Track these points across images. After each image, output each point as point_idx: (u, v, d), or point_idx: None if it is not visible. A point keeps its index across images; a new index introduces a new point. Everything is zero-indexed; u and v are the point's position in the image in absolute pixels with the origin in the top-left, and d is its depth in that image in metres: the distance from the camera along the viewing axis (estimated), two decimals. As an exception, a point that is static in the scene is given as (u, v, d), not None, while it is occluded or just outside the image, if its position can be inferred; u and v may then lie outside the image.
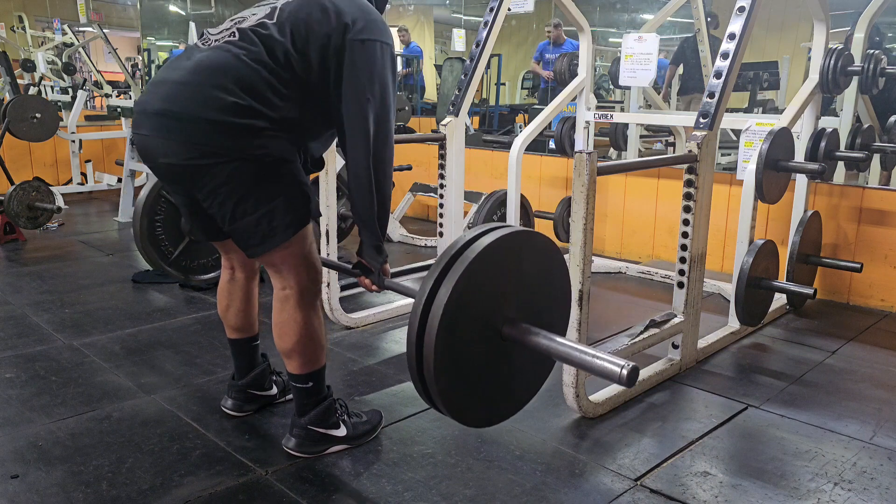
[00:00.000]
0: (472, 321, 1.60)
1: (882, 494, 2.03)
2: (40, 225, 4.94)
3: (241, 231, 1.92)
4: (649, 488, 2.04)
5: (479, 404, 1.70)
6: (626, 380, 1.47)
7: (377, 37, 1.89)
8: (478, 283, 1.58)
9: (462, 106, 3.62)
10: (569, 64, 4.57)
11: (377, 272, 2.04)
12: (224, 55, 1.84)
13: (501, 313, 1.64)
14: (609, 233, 4.75)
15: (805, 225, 3.46)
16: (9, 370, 2.77)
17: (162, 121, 1.83)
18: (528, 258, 1.70)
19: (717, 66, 2.81)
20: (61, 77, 8.58)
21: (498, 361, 1.68)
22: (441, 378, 1.57)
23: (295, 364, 2.07)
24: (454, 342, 1.56)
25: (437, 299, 1.54)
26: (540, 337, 1.61)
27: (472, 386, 1.66)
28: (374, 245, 2.00)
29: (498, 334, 1.65)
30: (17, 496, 1.94)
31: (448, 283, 1.53)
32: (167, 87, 1.85)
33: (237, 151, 1.81)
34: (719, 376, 2.84)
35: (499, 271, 1.63)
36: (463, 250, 1.58)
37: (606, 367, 1.50)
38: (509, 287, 1.66)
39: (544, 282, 1.75)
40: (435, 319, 1.53)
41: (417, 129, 7.42)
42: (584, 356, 1.55)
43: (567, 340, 1.61)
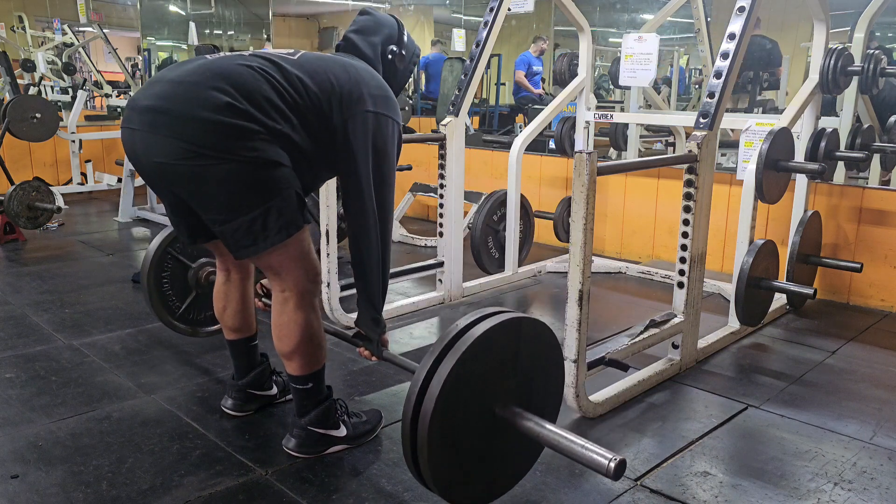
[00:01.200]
0: (466, 404, 1.66)
1: (882, 494, 2.03)
2: (40, 225, 4.94)
3: (231, 233, 1.87)
4: (649, 488, 2.04)
5: (468, 483, 1.76)
6: (612, 473, 1.52)
7: (390, 113, 2.01)
8: (473, 368, 1.64)
9: (462, 106, 3.62)
10: (569, 64, 4.56)
11: (376, 343, 2.12)
12: (227, 61, 1.85)
13: (495, 396, 1.71)
14: (609, 233, 4.75)
15: (805, 225, 3.46)
16: (9, 370, 2.77)
17: (152, 116, 1.78)
18: (524, 343, 1.76)
19: (717, 66, 2.81)
20: (61, 77, 8.58)
21: (490, 441, 1.74)
22: (434, 458, 1.63)
23: (295, 365, 2.07)
24: (448, 422, 1.63)
25: (432, 384, 1.61)
26: (531, 423, 1.69)
27: (464, 465, 1.72)
28: (373, 318, 2.09)
29: (491, 415, 1.71)
30: (17, 496, 1.94)
31: (445, 367, 1.60)
32: (162, 84, 1.82)
33: (229, 152, 1.76)
34: (719, 376, 2.84)
35: (494, 356, 1.69)
36: (462, 334, 1.65)
37: (594, 459, 1.56)
38: (505, 371, 1.72)
39: (538, 367, 1.82)
40: (430, 403, 1.59)
41: (417, 129, 7.43)
42: (573, 446, 1.61)
43: (556, 428, 1.67)
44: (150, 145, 1.80)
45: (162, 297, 2.83)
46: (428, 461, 1.62)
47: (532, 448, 1.88)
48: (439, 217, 3.66)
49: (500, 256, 4.11)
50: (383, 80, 2.08)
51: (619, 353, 2.50)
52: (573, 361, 2.31)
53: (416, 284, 3.98)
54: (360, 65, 2.06)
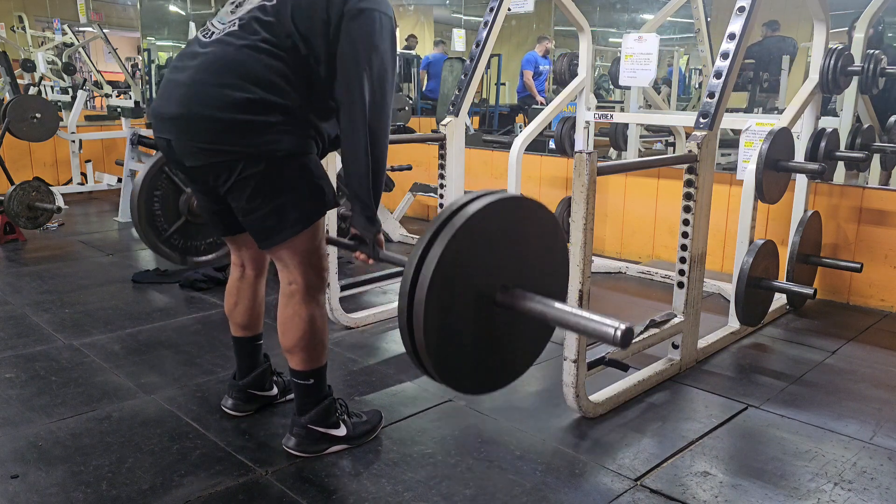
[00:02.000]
0: (463, 288, 1.56)
1: (882, 494, 2.03)
2: (40, 225, 4.94)
3: (256, 222, 1.95)
4: (649, 488, 2.04)
5: (474, 371, 1.67)
6: (619, 340, 1.45)
7: (376, 6, 1.89)
8: (468, 250, 1.54)
9: (462, 106, 3.62)
10: (569, 64, 4.57)
11: (371, 243, 2.00)
12: (226, 49, 1.85)
13: (495, 280, 1.60)
14: (609, 233, 4.75)
15: (805, 225, 3.46)
16: (9, 370, 2.77)
17: (180, 124, 1.88)
18: (522, 224, 1.65)
19: (716, 66, 2.81)
20: (61, 77, 8.58)
21: (493, 328, 1.64)
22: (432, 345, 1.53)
23: (297, 360, 2.08)
24: (445, 309, 1.53)
25: (425, 266, 1.50)
26: (534, 302, 1.58)
27: (466, 353, 1.62)
28: (367, 216, 1.96)
29: (491, 301, 1.60)
30: (17, 496, 1.94)
31: (437, 250, 1.49)
32: (179, 89, 1.88)
33: (250, 147, 1.83)
34: (719, 376, 2.84)
35: (491, 237, 1.59)
36: (453, 216, 1.53)
37: (599, 329, 1.48)
38: (503, 254, 1.62)
39: (539, 248, 1.71)
40: (423, 287, 1.48)
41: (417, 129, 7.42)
42: (579, 319, 1.52)
43: (560, 304, 1.58)
44: (186, 152, 1.91)
45: (151, 216, 2.74)
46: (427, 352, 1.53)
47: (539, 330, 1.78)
48: (439, 217, 3.65)
49: (500, 256, 4.10)
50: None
51: (619, 353, 2.50)
52: (573, 361, 2.31)
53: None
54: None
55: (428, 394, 2.61)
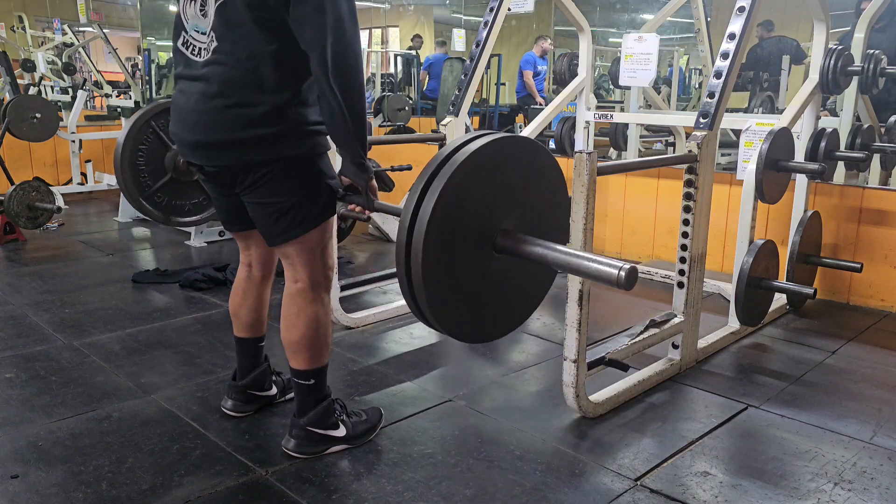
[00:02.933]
0: (462, 228, 1.51)
1: (882, 494, 2.03)
2: (40, 225, 4.94)
3: (264, 221, 1.99)
4: (649, 488, 2.04)
5: (473, 318, 1.61)
6: (623, 281, 1.43)
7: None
8: (466, 192, 1.49)
9: (462, 106, 3.62)
10: (569, 64, 4.56)
11: (364, 191, 1.95)
12: (223, 69, 1.87)
13: (495, 223, 1.56)
14: (609, 233, 4.75)
15: (805, 225, 3.46)
16: (9, 370, 2.76)
17: (204, 152, 1.95)
18: (521, 165, 1.60)
19: (716, 66, 2.81)
20: (61, 77, 8.57)
21: (493, 273, 1.60)
22: (430, 286, 1.48)
23: (299, 359, 2.08)
24: (443, 249, 1.48)
25: (421, 210, 1.45)
26: (535, 245, 1.55)
27: (465, 298, 1.57)
28: (356, 163, 1.91)
29: (491, 245, 1.56)
30: (17, 496, 1.94)
31: (433, 192, 1.44)
32: (192, 116, 1.93)
33: (274, 154, 1.89)
34: (719, 376, 2.84)
35: (489, 179, 1.53)
36: (450, 157, 1.49)
37: (603, 270, 1.46)
38: (501, 196, 1.57)
39: (539, 190, 1.66)
40: (423, 225, 1.44)
41: (417, 129, 7.42)
42: (581, 260, 1.50)
43: (561, 246, 1.54)
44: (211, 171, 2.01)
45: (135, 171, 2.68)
46: (425, 293, 1.48)
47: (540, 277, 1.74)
48: (439, 217, 3.65)
49: (500, 256, 4.11)
50: None
51: (619, 353, 2.50)
52: (573, 361, 2.31)
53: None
54: None
55: (428, 394, 2.61)
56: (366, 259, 4.68)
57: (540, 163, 1.65)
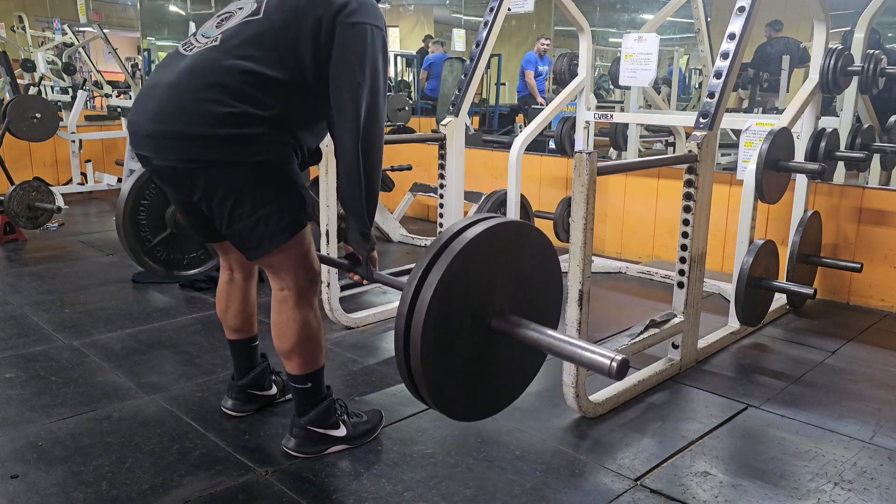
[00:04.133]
0: (460, 312, 1.56)
1: (882, 494, 2.03)
2: (40, 225, 4.94)
3: (238, 234, 1.91)
4: (649, 488, 2.04)
5: (468, 398, 1.66)
6: (615, 372, 1.44)
7: (368, 20, 1.86)
8: (466, 274, 1.54)
9: (462, 106, 3.62)
10: (569, 64, 4.56)
11: (365, 261, 1.99)
12: (205, 62, 1.82)
13: (490, 305, 1.60)
14: (609, 233, 4.75)
15: (805, 225, 3.46)
16: (9, 370, 2.77)
17: (157, 142, 1.83)
18: (519, 250, 1.65)
19: (716, 66, 2.81)
20: (61, 77, 8.57)
21: (487, 354, 1.64)
22: (428, 370, 1.53)
23: (294, 364, 2.07)
24: (441, 335, 1.53)
25: (423, 290, 1.50)
26: (529, 329, 1.58)
27: (461, 379, 1.62)
28: (361, 232, 1.95)
29: (487, 326, 1.61)
30: (17, 496, 1.94)
31: (436, 274, 1.49)
32: (154, 101, 1.83)
33: (235, 160, 1.81)
34: (719, 376, 2.84)
35: (488, 262, 1.59)
36: (452, 240, 1.54)
37: (595, 360, 1.47)
38: (499, 279, 1.62)
39: (535, 274, 1.71)
40: (422, 311, 1.49)
41: (417, 129, 7.42)
42: (574, 348, 1.52)
43: (556, 332, 1.57)
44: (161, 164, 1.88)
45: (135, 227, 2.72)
46: (423, 377, 1.53)
47: (532, 357, 1.77)
48: (439, 217, 3.66)
49: (500, 256, 4.10)
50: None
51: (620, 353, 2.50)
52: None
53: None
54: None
55: (428, 394, 2.61)
56: (366, 259, 4.68)
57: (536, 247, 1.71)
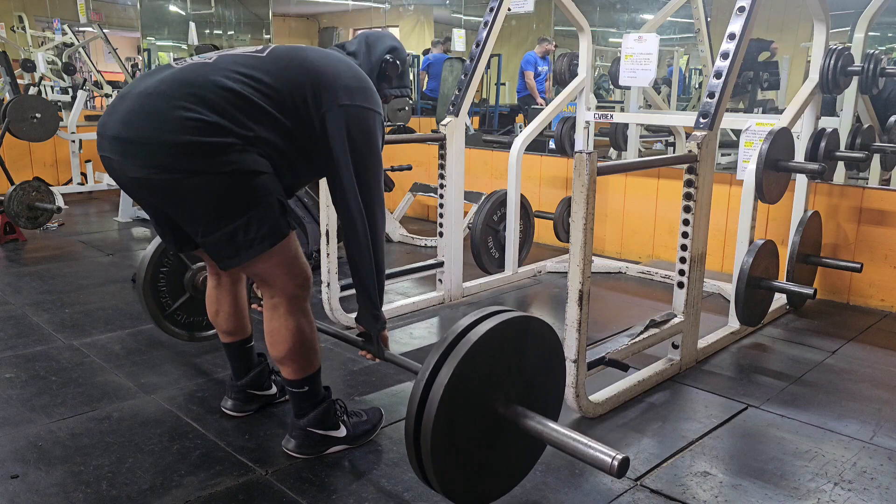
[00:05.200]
0: (469, 404, 1.67)
1: (882, 494, 2.03)
2: (40, 225, 4.94)
3: (213, 244, 1.86)
4: (649, 488, 2.04)
5: (474, 484, 1.76)
6: (616, 471, 1.53)
7: (371, 105, 1.94)
8: (476, 368, 1.65)
9: (462, 106, 3.62)
10: (569, 64, 4.56)
11: (376, 340, 2.11)
12: (191, 73, 1.80)
13: (497, 395, 1.71)
14: (609, 233, 4.75)
15: (805, 225, 3.46)
16: (9, 370, 2.77)
17: (121, 145, 1.78)
18: (526, 343, 1.76)
19: (716, 66, 2.81)
20: (61, 77, 8.58)
21: (493, 440, 1.74)
22: (438, 459, 1.63)
23: (289, 370, 2.06)
24: (451, 424, 1.63)
25: (437, 380, 1.62)
26: (534, 422, 1.69)
27: (468, 466, 1.72)
28: (372, 314, 2.07)
29: (494, 414, 1.71)
30: (17, 496, 1.94)
31: (447, 369, 1.61)
32: (127, 103, 1.78)
33: (204, 169, 1.75)
34: (719, 376, 2.84)
35: (497, 355, 1.70)
36: (464, 334, 1.65)
37: (597, 457, 1.56)
38: (506, 370, 1.73)
39: (539, 365, 1.82)
40: (434, 401, 1.60)
41: (417, 129, 7.43)
42: (577, 444, 1.62)
43: (558, 427, 1.68)
44: (126, 170, 1.81)
45: (156, 293, 2.80)
46: (433, 464, 1.63)
47: (534, 447, 1.88)
48: (439, 217, 3.66)
49: (500, 256, 4.11)
50: (361, 72, 1.99)
51: (619, 353, 2.50)
52: (573, 361, 2.31)
53: (416, 284, 3.98)
54: (336, 55, 1.99)
55: (428, 394, 2.61)
56: (366, 259, 4.68)
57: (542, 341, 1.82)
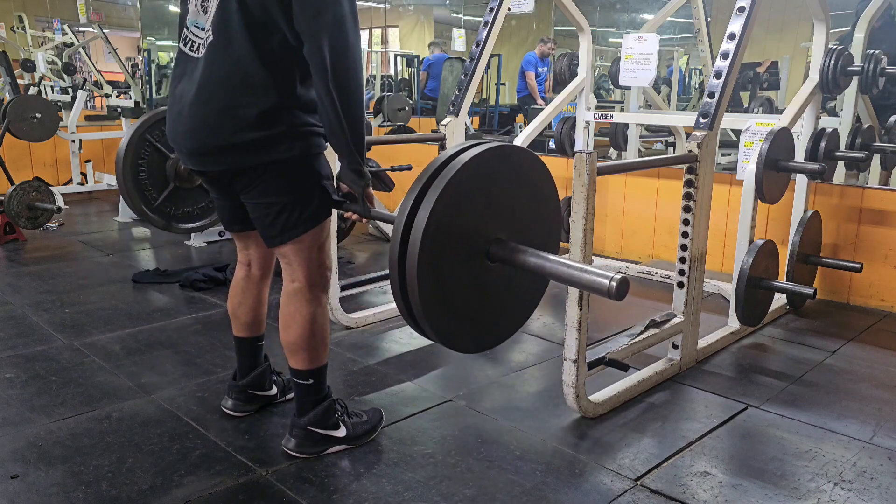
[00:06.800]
0: (455, 242, 1.53)
1: (882, 494, 2.03)
2: (40, 225, 4.94)
3: (263, 221, 1.99)
4: (649, 488, 2.04)
5: (469, 327, 1.64)
6: (615, 292, 1.45)
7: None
8: (459, 202, 1.51)
9: (462, 106, 3.62)
10: (569, 64, 4.56)
11: (360, 198, 1.96)
12: (216, 66, 1.86)
13: (487, 233, 1.58)
14: (609, 233, 4.75)
15: (805, 225, 3.46)
16: (9, 370, 2.77)
17: (198, 158, 1.96)
18: (513, 175, 1.62)
19: (716, 66, 2.81)
20: (61, 77, 8.58)
21: (487, 283, 1.62)
22: (427, 303, 1.50)
23: (298, 359, 2.08)
24: (437, 264, 1.50)
25: (416, 221, 1.47)
26: (528, 255, 1.57)
27: (460, 308, 1.60)
28: (353, 169, 1.92)
29: (485, 255, 1.59)
30: (17, 496, 1.94)
31: (427, 204, 1.46)
32: (185, 122, 1.92)
33: (270, 157, 1.89)
34: (719, 376, 2.84)
35: (482, 189, 1.56)
36: (442, 167, 1.51)
37: (595, 280, 1.48)
38: (494, 205, 1.59)
39: (532, 199, 1.68)
40: (416, 242, 1.46)
41: (417, 129, 7.42)
42: (573, 271, 1.53)
43: (555, 256, 1.56)
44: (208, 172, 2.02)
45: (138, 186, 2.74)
46: (422, 310, 1.51)
47: (535, 283, 1.76)
48: (439, 217, 3.65)
49: (500, 256, 4.10)
50: None
51: (619, 353, 2.50)
52: (573, 361, 2.31)
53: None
54: None
55: (428, 394, 2.61)
56: (366, 259, 4.68)
57: (532, 171, 1.68)
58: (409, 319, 1.59)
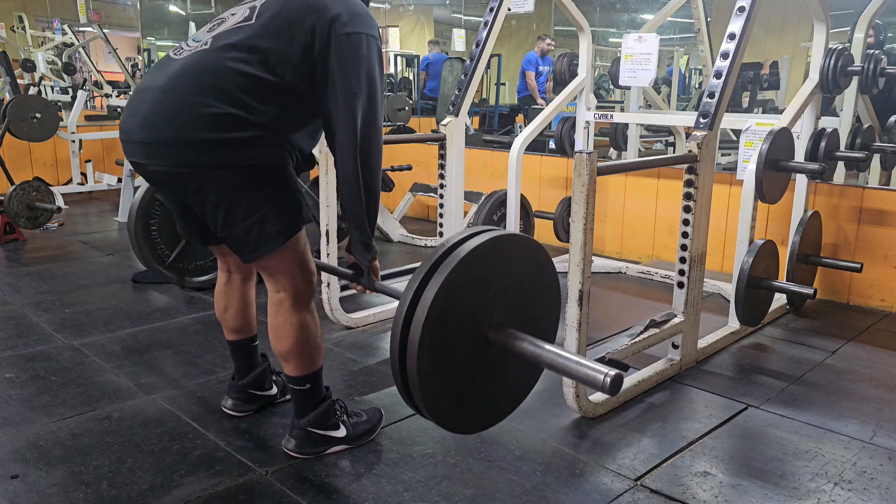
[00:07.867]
0: (457, 325, 1.57)
1: (882, 494, 2.03)
2: (40, 225, 4.94)
3: (234, 237, 1.92)
4: (649, 488, 2.04)
5: (464, 410, 1.69)
6: (608, 387, 1.48)
7: (363, 29, 1.87)
8: (463, 287, 1.55)
9: (462, 106, 3.62)
10: (569, 64, 4.56)
11: (366, 270, 2.00)
12: (195, 64, 1.82)
13: (487, 318, 1.62)
14: (609, 233, 4.75)
15: (805, 225, 3.46)
16: (9, 370, 2.77)
17: (149, 148, 1.84)
18: (517, 262, 1.67)
19: (716, 66, 2.81)
20: (61, 77, 8.58)
21: (484, 367, 1.66)
22: (424, 382, 1.54)
23: (292, 366, 2.07)
24: (438, 346, 1.54)
25: (421, 302, 1.51)
26: (525, 343, 1.60)
27: (457, 391, 1.64)
28: (363, 242, 1.96)
29: (484, 339, 1.62)
30: (17, 496, 1.94)
31: (433, 286, 1.51)
32: (145, 107, 1.83)
33: (228, 164, 1.81)
34: (719, 376, 2.84)
35: (486, 275, 1.60)
36: (449, 252, 1.55)
37: (589, 375, 1.51)
38: (496, 291, 1.63)
39: (533, 287, 1.73)
40: (419, 323, 1.50)
41: (417, 129, 7.43)
42: (568, 363, 1.55)
43: (552, 346, 1.59)
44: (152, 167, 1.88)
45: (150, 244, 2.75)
46: (420, 390, 1.54)
47: (530, 370, 1.79)
48: (439, 217, 3.66)
49: (500, 256, 4.10)
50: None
51: (619, 353, 2.50)
52: (573, 361, 2.31)
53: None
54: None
55: (428, 394, 2.61)
56: (366, 259, 4.68)
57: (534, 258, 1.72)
58: (405, 394, 1.63)
